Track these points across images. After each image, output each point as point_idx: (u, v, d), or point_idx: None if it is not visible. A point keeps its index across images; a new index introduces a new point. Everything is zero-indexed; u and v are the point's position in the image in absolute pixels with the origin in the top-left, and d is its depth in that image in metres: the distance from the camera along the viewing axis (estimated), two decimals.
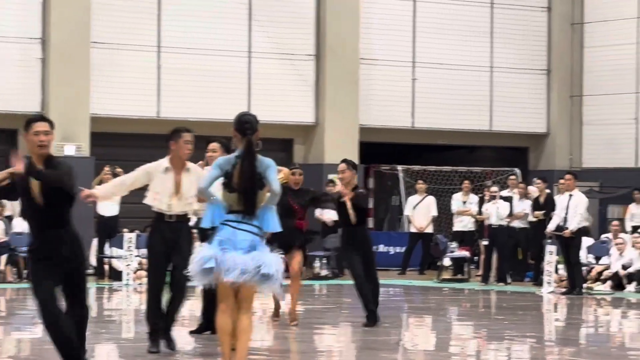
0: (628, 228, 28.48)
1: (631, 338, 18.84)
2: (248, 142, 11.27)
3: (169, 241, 13.93)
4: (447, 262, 29.74)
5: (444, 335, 18.06)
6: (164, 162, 13.92)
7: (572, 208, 24.83)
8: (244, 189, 11.20)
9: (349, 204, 16.89)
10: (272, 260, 11.42)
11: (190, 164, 14.06)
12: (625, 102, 33.28)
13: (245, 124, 11.36)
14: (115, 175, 27.35)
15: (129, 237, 26.55)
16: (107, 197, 16.07)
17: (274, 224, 11.54)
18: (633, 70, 33.10)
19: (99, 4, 29.66)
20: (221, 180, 11.33)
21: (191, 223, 14.35)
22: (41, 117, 10.73)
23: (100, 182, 27.68)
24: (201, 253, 11.47)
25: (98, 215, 27.85)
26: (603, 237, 29.10)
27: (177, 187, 13.86)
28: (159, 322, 14.30)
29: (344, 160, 17.54)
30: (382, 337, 16.74)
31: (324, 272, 29.08)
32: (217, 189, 11.81)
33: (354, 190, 17.05)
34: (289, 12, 31.74)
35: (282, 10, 31.66)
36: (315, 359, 15.01)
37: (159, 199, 13.87)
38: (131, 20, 30.18)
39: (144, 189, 13.93)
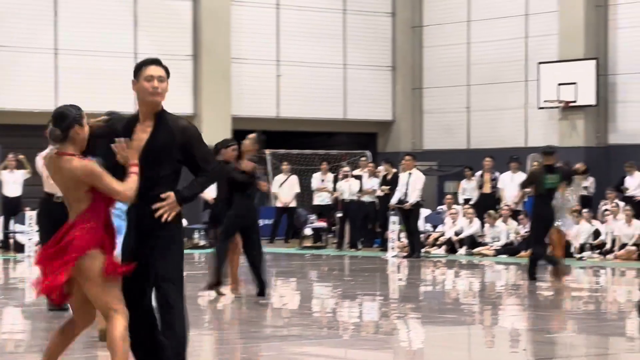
0: (460, 200, 28.83)
1: (463, 294, 19.11)
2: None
3: (58, 221, 13.87)
4: (308, 231, 30.00)
5: (305, 294, 18.20)
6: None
7: (412, 184, 25.24)
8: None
9: None
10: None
11: None
12: (458, 93, 33.64)
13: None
14: (18, 161, 27.16)
15: (30, 214, 26.32)
16: None
17: None
18: (464, 66, 33.49)
19: (2, 13, 29.35)
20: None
21: None
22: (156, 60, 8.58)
23: (5, 167, 27.51)
24: None
25: (3, 196, 27.62)
26: (439, 208, 29.55)
27: None
28: None
29: None
30: (252, 298, 16.81)
31: (202, 242, 29.15)
32: None
33: None
34: (169, 18, 31.63)
35: (163, 16, 31.53)
36: (192, 316, 15.05)
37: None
38: (31, 26, 29.90)
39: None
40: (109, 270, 7.41)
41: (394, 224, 25.50)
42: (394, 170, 27.97)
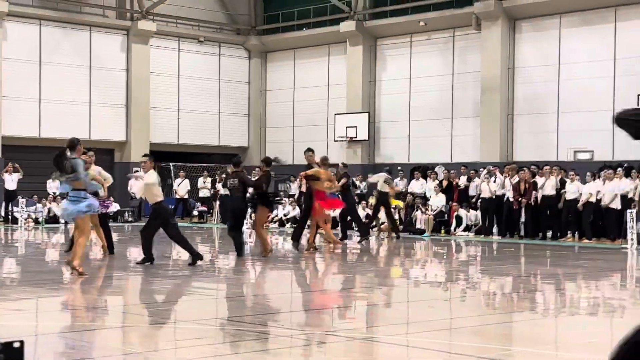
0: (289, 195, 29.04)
1: (290, 252, 19.11)
2: (63, 151, 11.93)
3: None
4: (195, 213, 29.77)
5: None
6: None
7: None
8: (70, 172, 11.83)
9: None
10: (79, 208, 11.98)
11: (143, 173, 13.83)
12: (287, 132, 33.95)
13: (70, 142, 11.99)
14: (15, 169, 26.46)
15: (22, 201, 25.69)
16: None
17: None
18: (291, 115, 33.80)
19: (6, 76, 28.55)
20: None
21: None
22: None
23: (7, 171, 26.76)
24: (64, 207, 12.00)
25: (5, 189, 26.91)
26: None
27: None
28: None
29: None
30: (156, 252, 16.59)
31: (130, 219, 28.76)
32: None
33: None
34: (111, 81, 31.15)
35: (107, 80, 31.05)
36: (127, 269, 14.82)
37: None
38: (24, 83, 29.18)
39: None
40: None
41: (250, 209, 25.52)
42: (249, 176, 28.02)
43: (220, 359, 6.28)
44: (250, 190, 16.51)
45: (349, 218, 21.51)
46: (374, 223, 23.17)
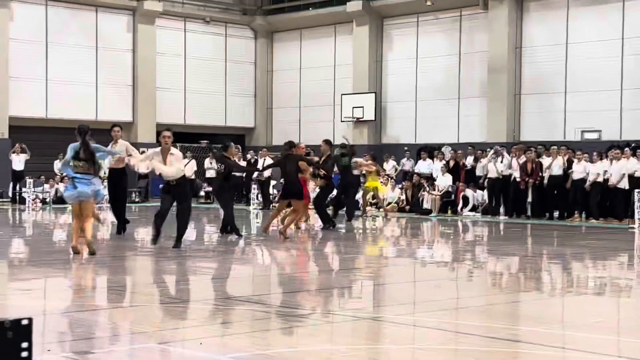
0: None
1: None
2: (84, 138, 11.82)
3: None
4: (202, 193, 29.76)
5: (199, 230, 17.97)
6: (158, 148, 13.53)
7: (266, 164, 25.12)
8: (89, 159, 11.74)
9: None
10: (97, 188, 11.99)
11: (173, 149, 13.48)
12: (293, 112, 33.93)
13: (81, 129, 11.94)
14: (22, 149, 26.48)
15: (29, 181, 25.73)
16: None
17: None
18: (297, 95, 33.77)
19: (14, 57, 28.56)
20: (73, 154, 11.84)
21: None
22: None
23: (14, 152, 26.84)
24: (67, 192, 11.99)
25: (12, 170, 26.95)
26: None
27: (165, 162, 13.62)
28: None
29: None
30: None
31: (137, 199, 28.81)
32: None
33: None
34: (117, 62, 31.14)
35: (114, 60, 31.04)
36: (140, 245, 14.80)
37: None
38: (31, 64, 29.20)
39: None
40: None
41: (255, 190, 25.63)
42: (256, 157, 28.09)
43: (228, 338, 6.31)
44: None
45: (358, 196, 21.51)
46: (373, 202, 23.15)
